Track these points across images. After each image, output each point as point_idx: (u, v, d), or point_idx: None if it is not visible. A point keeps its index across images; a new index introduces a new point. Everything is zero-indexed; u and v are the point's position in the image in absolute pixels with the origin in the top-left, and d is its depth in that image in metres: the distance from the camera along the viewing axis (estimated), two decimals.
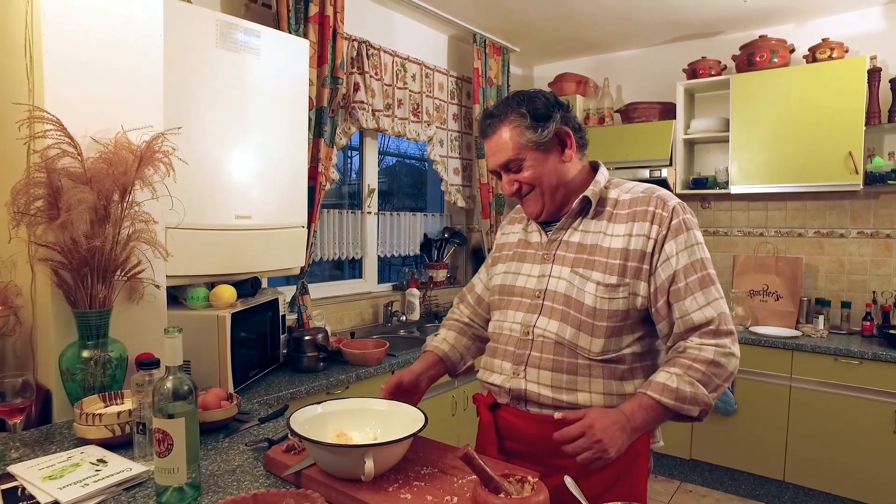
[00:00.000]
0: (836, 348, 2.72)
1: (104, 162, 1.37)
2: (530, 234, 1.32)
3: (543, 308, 1.21)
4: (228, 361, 1.80)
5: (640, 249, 1.14)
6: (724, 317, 1.12)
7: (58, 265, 1.35)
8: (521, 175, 1.21)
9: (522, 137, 1.18)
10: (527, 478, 0.88)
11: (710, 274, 1.14)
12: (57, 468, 1.08)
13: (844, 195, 3.16)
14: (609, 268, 1.15)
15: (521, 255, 1.30)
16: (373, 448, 0.95)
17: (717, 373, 1.09)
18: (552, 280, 1.21)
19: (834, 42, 2.93)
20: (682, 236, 1.14)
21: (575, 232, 1.22)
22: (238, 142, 1.98)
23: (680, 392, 1.07)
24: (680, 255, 1.13)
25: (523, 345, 1.22)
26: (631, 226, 1.16)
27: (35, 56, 1.38)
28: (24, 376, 1.22)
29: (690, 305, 1.12)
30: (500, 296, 1.31)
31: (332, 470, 0.99)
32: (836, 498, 2.77)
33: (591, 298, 1.15)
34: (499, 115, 1.20)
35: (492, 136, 1.22)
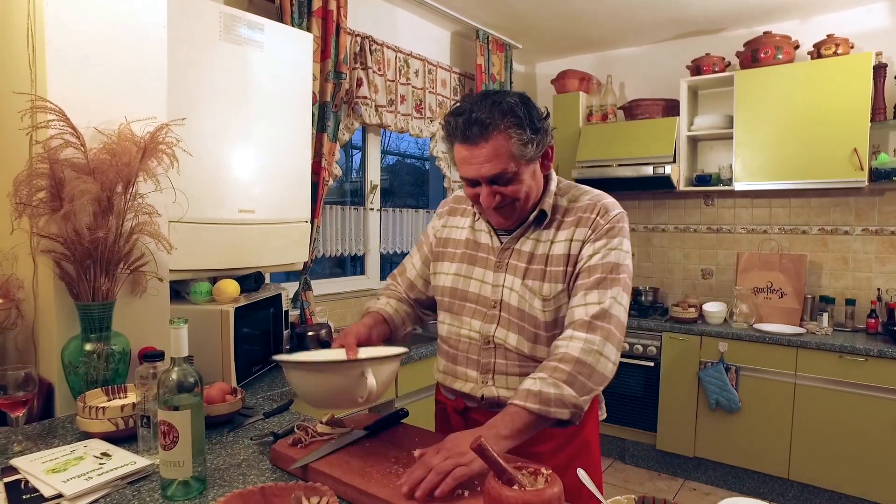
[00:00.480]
0: (841, 345, 2.71)
1: (107, 153, 1.35)
2: (479, 233, 1.28)
3: (501, 319, 1.21)
4: (232, 356, 1.79)
5: (576, 254, 1.16)
6: (606, 314, 1.09)
7: (60, 257, 1.33)
8: (507, 189, 1.12)
9: (518, 150, 1.09)
10: (540, 470, 0.86)
11: (616, 278, 1.12)
12: (60, 461, 1.06)
13: (849, 192, 3.15)
14: (554, 276, 1.17)
15: (471, 258, 1.27)
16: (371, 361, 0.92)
17: (583, 371, 1.05)
18: (506, 291, 1.20)
19: (839, 38, 2.92)
20: (605, 240, 1.15)
21: (527, 240, 1.21)
22: (241, 135, 1.96)
23: (543, 395, 1.02)
24: (594, 256, 1.14)
25: (487, 353, 1.22)
26: (573, 231, 1.17)
27: (38, 46, 1.36)
28: (27, 369, 1.20)
29: (578, 301, 1.12)
30: (451, 299, 1.28)
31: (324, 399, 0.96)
32: (841, 496, 2.76)
33: (541, 314, 1.17)
34: (492, 121, 1.07)
35: (480, 143, 1.08)
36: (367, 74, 2.78)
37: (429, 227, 1.42)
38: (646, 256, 3.85)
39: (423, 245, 1.41)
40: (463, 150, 1.11)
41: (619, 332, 1.11)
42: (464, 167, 1.13)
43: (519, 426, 1.02)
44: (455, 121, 1.11)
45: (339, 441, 1.13)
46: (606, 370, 1.08)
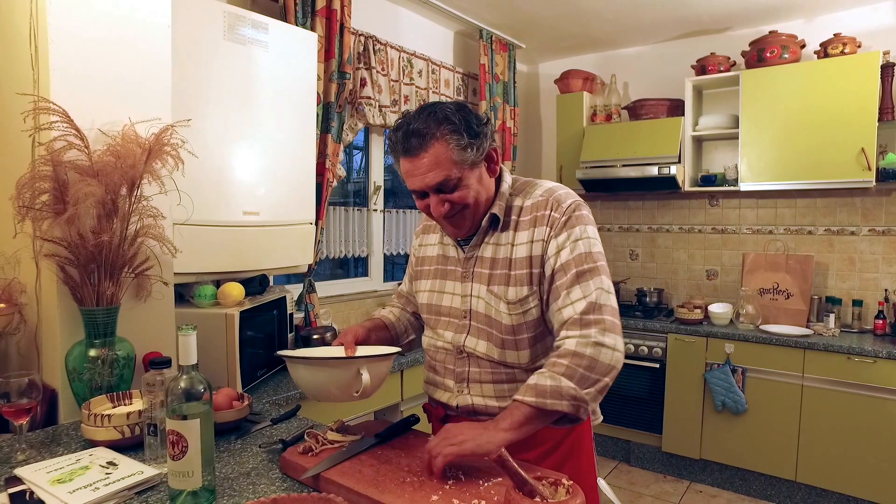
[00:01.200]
0: (849, 347, 2.69)
1: (112, 155, 1.33)
2: (447, 247, 1.30)
3: (471, 328, 1.22)
4: (237, 361, 1.76)
5: (539, 255, 1.15)
6: (595, 306, 1.08)
7: (64, 261, 1.31)
8: (453, 195, 1.13)
9: (458, 155, 1.10)
10: (561, 480, 0.84)
11: (594, 267, 1.11)
12: (66, 471, 1.04)
13: (855, 192, 3.13)
14: (518, 279, 1.16)
15: (442, 272, 1.29)
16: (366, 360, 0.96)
17: (580, 364, 1.04)
18: (474, 299, 1.21)
19: (846, 37, 2.90)
20: (566, 232, 1.13)
21: (487, 246, 1.21)
22: (246, 136, 1.94)
23: (539, 387, 1.03)
24: (562, 252, 1.12)
25: (461, 362, 1.24)
26: (532, 231, 1.16)
27: (40, 46, 1.33)
28: (30, 376, 1.18)
29: (563, 301, 1.10)
30: (427, 315, 1.31)
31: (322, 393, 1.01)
32: (850, 498, 2.74)
33: (507, 318, 1.17)
34: (429, 130, 1.09)
35: (420, 154, 1.10)
36: (370, 74, 2.76)
37: (411, 248, 1.48)
38: (650, 257, 3.83)
39: (408, 268, 1.47)
40: (406, 163, 1.13)
41: (615, 318, 1.10)
42: (409, 179, 1.15)
43: (519, 419, 1.02)
44: (395, 136, 1.13)
45: (351, 449, 1.11)
46: (611, 359, 1.06)
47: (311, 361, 0.98)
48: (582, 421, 1.08)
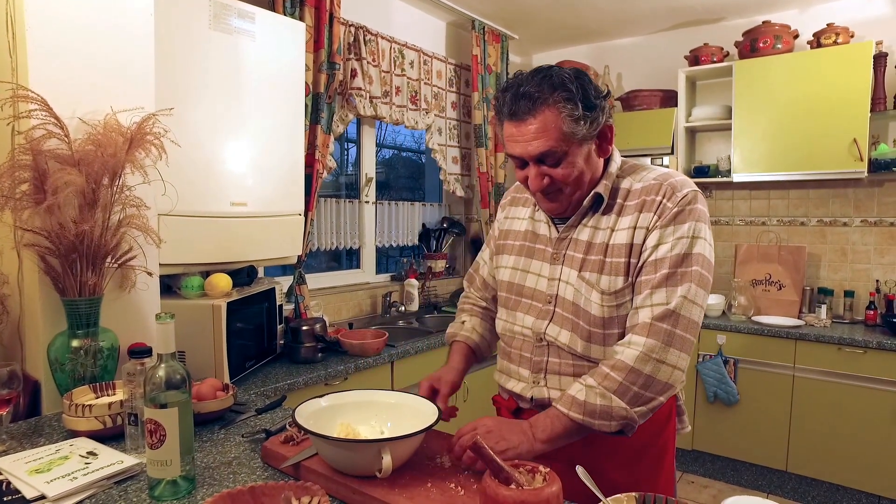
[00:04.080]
0: (840, 337, 2.69)
1: (92, 144, 1.31)
2: (538, 223, 1.20)
3: (555, 315, 1.12)
4: (224, 351, 1.76)
5: (640, 244, 1.04)
6: (672, 315, 0.98)
7: (45, 251, 1.30)
8: (556, 171, 1.03)
9: (569, 127, 0.99)
10: (538, 468, 0.84)
11: (687, 272, 1.00)
12: (45, 461, 1.03)
13: (848, 183, 3.12)
14: (615, 268, 1.06)
15: (529, 250, 1.20)
16: (391, 442, 0.90)
17: (636, 381, 0.97)
18: (562, 284, 1.12)
19: (839, 27, 2.89)
20: (672, 227, 1.02)
21: (584, 229, 1.11)
22: (233, 127, 1.92)
23: (588, 406, 0.97)
24: (661, 246, 1.02)
25: (539, 351, 1.15)
26: (637, 217, 1.05)
27: (18, 32, 1.32)
28: (11, 366, 1.17)
29: (644, 301, 1.01)
30: (507, 294, 1.22)
31: (343, 467, 0.94)
32: (839, 487, 2.75)
33: (598, 309, 1.06)
34: (541, 95, 0.99)
35: (528, 119, 1.01)
36: (361, 65, 2.74)
37: (495, 221, 1.36)
38: None
39: (490, 240, 1.35)
40: (510, 127, 1.04)
41: (688, 333, 1.00)
42: (511, 145, 1.06)
43: (559, 432, 0.99)
44: (503, 97, 1.05)
45: None
46: (670, 378, 0.99)
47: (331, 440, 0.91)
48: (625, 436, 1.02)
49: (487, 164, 3.48)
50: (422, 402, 1.10)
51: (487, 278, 1.36)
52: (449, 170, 3.46)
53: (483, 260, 1.38)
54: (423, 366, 2.50)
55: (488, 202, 3.51)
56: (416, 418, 1.06)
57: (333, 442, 0.92)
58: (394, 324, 2.98)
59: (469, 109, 3.57)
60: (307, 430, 0.93)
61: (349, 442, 0.93)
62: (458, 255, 3.85)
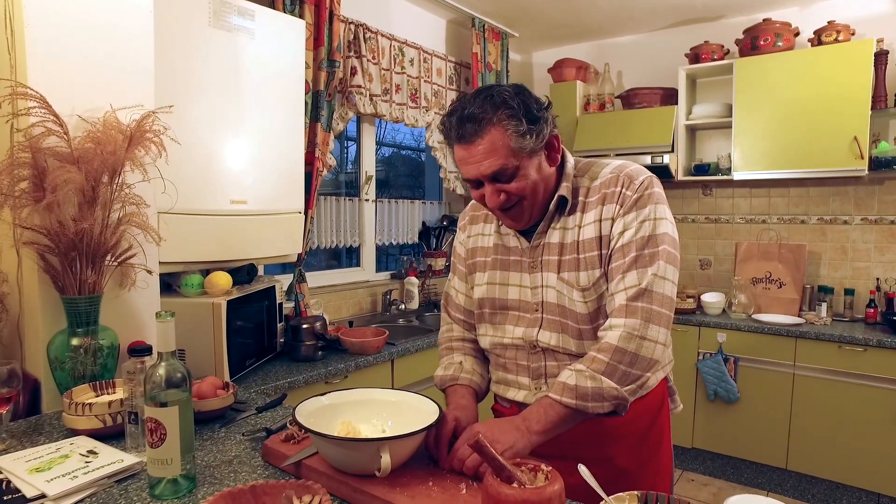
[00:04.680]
0: (840, 336, 2.69)
1: (92, 141, 1.31)
2: (506, 237, 1.20)
3: (543, 321, 1.14)
4: (224, 350, 1.75)
5: (608, 234, 1.07)
6: (645, 293, 1.01)
7: (44, 249, 1.29)
8: (510, 185, 1.05)
9: (517, 143, 1.02)
10: (540, 466, 0.83)
11: (655, 252, 1.03)
12: (45, 460, 1.03)
13: (848, 181, 3.12)
14: (589, 263, 1.08)
15: (504, 263, 1.19)
16: (389, 441, 0.89)
17: (622, 360, 0.99)
18: (546, 290, 1.13)
19: (840, 25, 2.88)
20: (634, 212, 1.05)
21: (554, 231, 1.13)
22: (233, 124, 1.92)
23: (580, 389, 0.98)
24: (626, 232, 1.05)
25: (535, 357, 1.16)
26: (600, 210, 1.08)
27: (16, 29, 1.31)
28: (11, 365, 1.17)
29: (618, 285, 1.04)
30: (490, 309, 1.20)
31: (343, 465, 0.94)
32: (840, 485, 2.75)
33: (582, 306, 1.09)
34: (485, 115, 1.01)
35: (475, 141, 1.02)
36: (361, 63, 2.73)
37: (456, 244, 1.34)
38: None
39: (456, 264, 1.32)
40: (460, 151, 1.05)
41: (663, 308, 1.02)
42: (464, 168, 1.06)
43: (554, 420, 0.99)
44: (449, 121, 1.06)
45: None
46: (653, 353, 1.01)
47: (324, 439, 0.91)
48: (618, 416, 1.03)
49: None
50: (423, 401, 1.09)
51: (465, 304, 1.29)
52: (449, 168, 3.45)
53: (455, 289, 1.32)
54: (423, 364, 2.50)
55: None
56: (417, 417, 1.05)
57: (333, 440, 0.92)
58: (394, 322, 2.98)
59: None
60: (307, 429, 0.93)
61: (348, 440, 0.93)
62: None
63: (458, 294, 1.31)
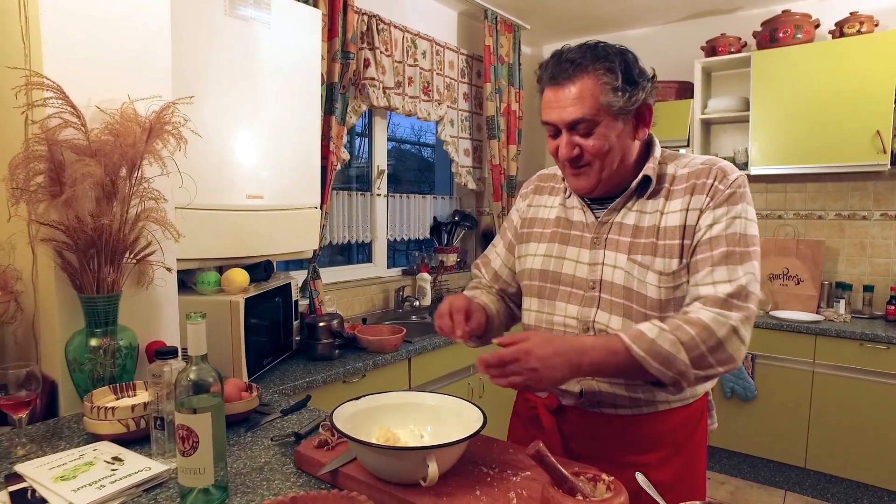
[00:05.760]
0: (861, 333, 2.65)
1: (111, 134, 1.25)
2: (571, 210, 1.16)
3: (602, 301, 1.08)
4: (242, 349, 1.71)
5: (693, 224, 1.02)
6: (744, 292, 0.96)
7: (62, 246, 1.24)
8: (587, 141, 1.02)
9: (606, 97, 0.99)
10: (600, 476, 0.79)
11: (746, 251, 0.99)
12: (69, 467, 0.98)
13: (868, 176, 3.07)
14: (668, 250, 1.03)
15: (563, 237, 1.15)
16: (436, 450, 0.85)
17: (707, 341, 0.93)
18: (607, 269, 1.07)
19: (863, 16, 2.82)
20: (726, 207, 1.01)
21: (629, 213, 1.08)
22: (248, 117, 1.86)
23: (655, 346, 0.93)
24: (716, 225, 1.01)
25: None
26: (688, 199, 1.04)
27: (31, 16, 1.25)
28: (29, 367, 1.11)
29: (703, 279, 0.98)
30: (541, 282, 1.16)
31: (385, 474, 0.89)
32: (860, 485, 2.72)
33: (655, 290, 1.03)
34: (583, 62, 0.99)
35: (566, 84, 1.00)
36: (374, 55, 2.67)
37: (512, 211, 1.30)
38: None
39: (506, 231, 1.29)
40: (549, 93, 1.04)
41: (756, 310, 0.98)
42: (547, 111, 1.05)
43: (611, 367, 0.96)
44: (548, 62, 1.05)
45: None
46: (737, 352, 0.95)
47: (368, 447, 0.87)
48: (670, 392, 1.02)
49: (500, 157, 3.42)
50: (463, 405, 1.05)
51: (500, 271, 1.29)
52: (461, 162, 3.40)
53: (496, 253, 1.31)
54: (440, 362, 2.45)
55: (501, 195, 3.45)
56: (458, 422, 1.01)
57: (378, 449, 0.87)
58: (407, 319, 2.93)
59: (481, 101, 3.50)
60: (351, 438, 0.88)
61: (395, 450, 0.88)
62: (470, 248, 3.80)
63: (496, 258, 1.30)
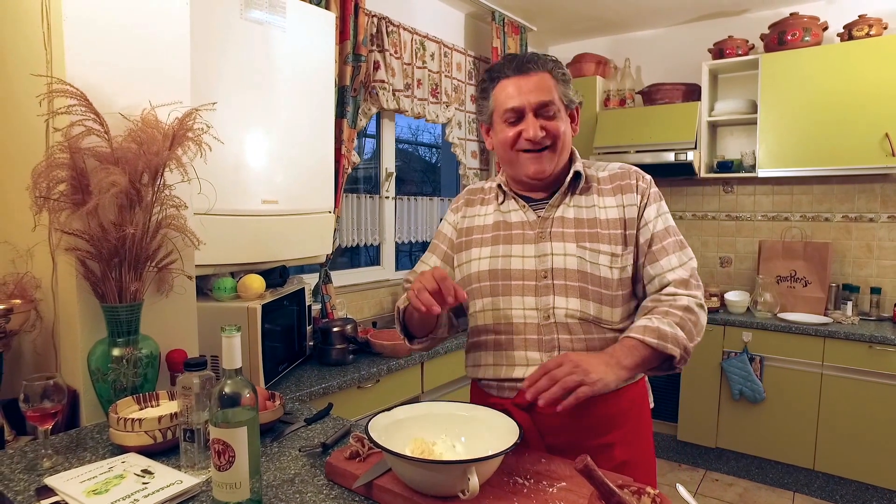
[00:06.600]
0: (871, 335, 2.66)
1: (133, 141, 1.24)
2: (508, 213, 1.24)
3: (556, 287, 1.16)
4: (260, 356, 1.70)
5: (633, 217, 1.19)
6: (695, 274, 1.17)
7: (86, 255, 1.23)
8: (551, 123, 1.17)
9: (561, 91, 1.18)
10: (645, 489, 0.78)
11: (681, 239, 1.21)
12: (100, 480, 0.97)
13: (875, 178, 3.08)
14: (612, 238, 1.17)
15: (506, 237, 1.22)
16: (476, 463, 0.84)
17: (691, 319, 1.11)
18: (557, 258, 1.17)
19: (872, 18, 2.83)
20: (657, 205, 1.20)
21: (568, 208, 1.21)
22: (262, 121, 1.85)
23: (661, 331, 1.07)
24: (657, 220, 1.18)
25: (547, 329, 1.16)
26: (621, 197, 1.20)
27: (53, 23, 1.24)
28: (55, 378, 1.10)
29: (666, 265, 1.16)
30: (492, 281, 1.20)
31: (423, 487, 0.89)
32: (869, 486, 2.73)
33: (606, 270, 1.16)
34: (539, 61, 1.18)
35: (531, 74, 1.16)
36: (383, 57, 2.66)
37: (443, 225, 1.35)
38: None
39: (438, 244, 1.33)
40: (510, 85, 1.17)
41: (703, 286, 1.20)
42: (509, 99, 1.16)
43: (637, 359, 1.05)
44: (504, 61, 1.20)
45: None
46: (703, 324, 1.14)
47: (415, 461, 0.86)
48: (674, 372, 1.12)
49: None
50: (495, 415, 1.04)
51: None
52: (468, 164, 3.39)
53: (430, 265, 1.30)
54: (452, 365, 2.45)
55: None
56: (491, 433, 1.00)
57: (419, 463, 0.87)
58: None
59: None
60: (389, 452, 0.87)
61: (436, 464, 0.87)
62: None
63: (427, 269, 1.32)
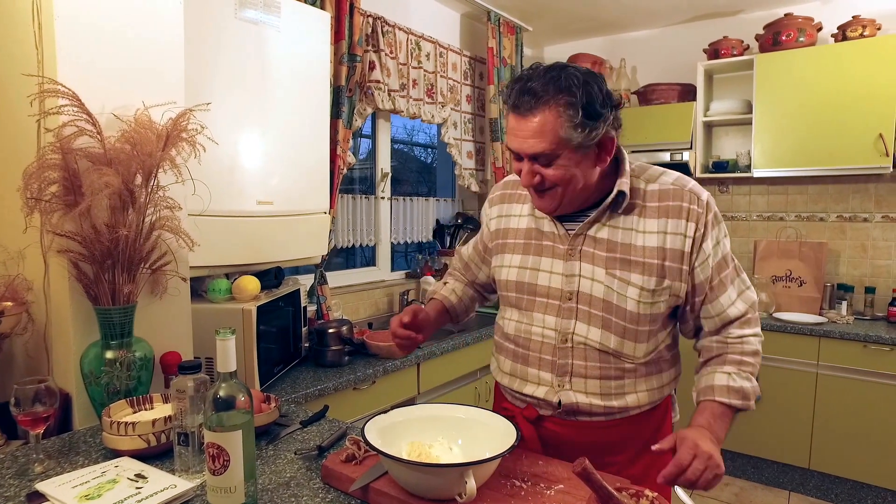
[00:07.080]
0: (865, 335, 2.67)
1: (128, 142, 1.23)
2: (541, 220, 1.17)
3: (579, 313, 1.11)
4: (255, 358, 1.68)
5: (679, 249, 1.07)
6: (755, 305, 1.14)
7: (78, 257, 1.21)
8: (547, 171, 1.04)
9: (566, 132, 1.00)
10: (643, 492, 0.78)
11: (736, 265, 1.15)
12: (93, 485, 0.96)
13: (869, 178, 3.09)
14: (647, 269, 1.07)
15: (536, 248, 1.17)
16: (473, 466, 0.84)
17: (759, 361, 1.12)
18: (584, 281, 1.10)
19: (865, 19, 2.84)
20: (714, 232, 1.10)
21: (603, 227, 1.10)
22: (257, 122, 1.84)
23: (744, 391, 1.07)
24: (715, 251, 1.10)
25: (563, 353, 1.12)
26: (665, 222, 1.07)
27: (45, 22, 1.22)
28: (46, 381, 1.09)
29: (726, 301, 1.11)
30: (517, 294, 1.18)
31: (419, 490, 0.88)
32: (864, 485, 2.74)
33: (634, 304, 1.08)
34: (544, 95, 0.99)
35: (528, 116, 1.01)
36: (379, 57, 2.65)
37: (482, 215, 1.35)
38: None
39: (482, 234, 1.37)
40: (512, 120, 1.05)
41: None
42: (510, 137, 1.07)
43: (727, 426, 1.06)
44: (511, 87, 1.05)
45: None
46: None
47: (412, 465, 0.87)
48: None
49: (503, 159, 3.41)
50: (492, 417, 1.04)
51: (469, 262, 1.40)
52: (464, 164, 3.39)
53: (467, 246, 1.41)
54: (449, 366, 2.44)
55: None
56: (488, 435, 1.00)
57: (415, 467, 0.86)
58: None
59: (483, 103, 3.49)
60: (386, 455, 0.87)
61: (433, 467, 0.87)
62: None
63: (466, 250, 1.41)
